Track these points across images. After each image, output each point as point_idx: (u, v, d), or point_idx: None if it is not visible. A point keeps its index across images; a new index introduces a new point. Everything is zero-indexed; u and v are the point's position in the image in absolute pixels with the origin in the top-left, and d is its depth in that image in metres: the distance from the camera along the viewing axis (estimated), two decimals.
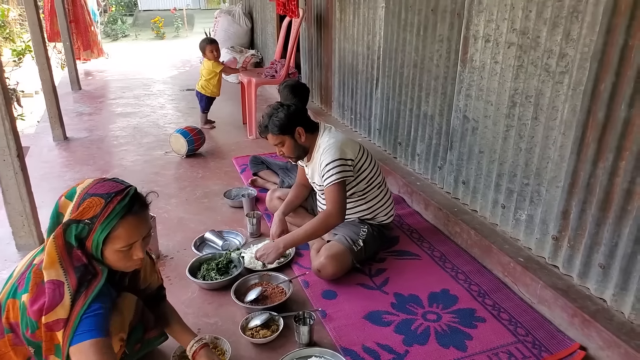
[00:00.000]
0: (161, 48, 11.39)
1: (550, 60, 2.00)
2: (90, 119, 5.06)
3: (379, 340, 1.90)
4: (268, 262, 2.26)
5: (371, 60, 3.59)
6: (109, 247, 1.32)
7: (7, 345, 1.36)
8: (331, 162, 2.20)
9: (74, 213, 1.30)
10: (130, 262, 1.38)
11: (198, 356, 1.60)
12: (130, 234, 1.33)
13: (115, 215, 1.30)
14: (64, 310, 1.24)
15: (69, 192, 1.36)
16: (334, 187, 2.20)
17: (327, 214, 2.20)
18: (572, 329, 1.90)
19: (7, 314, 1.33)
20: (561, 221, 2.06)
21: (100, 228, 1.29)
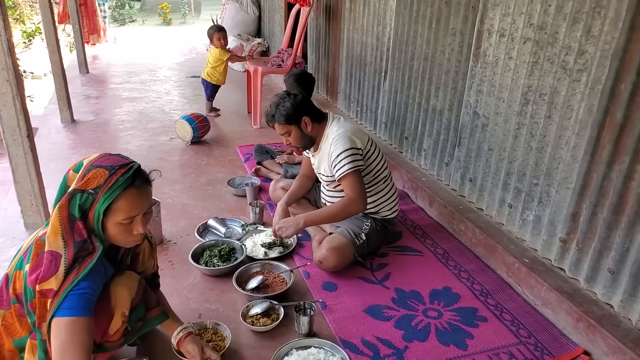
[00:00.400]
0: (168, 34, 11.33)
1: (568, 57, 1.95)
2: (97, 102, 5.03)
3: (379, 334, 1.88)
4: (285, 235, 2.21)
5: (380, 52, 3.54)
6: (110, 219, 1.34)
7: (13, 317, 1.38)
8: (343, 151, 2.18)
9: (78, 183, 1.32)
10: (130, 237, 1.40)
11: (184, 343, 1.62)
12: (132, 206, 1.35)
13: (118, 187, 1.32)
14: (56, 282, 1.27)
15: (76, 166, 1.38)
16: (350, 176, 2.17)
17: (348, 200, 2.18)
18: (576, 333, 1.87)
19: (14, 285, 1.36)
20: (570, 223, 2.02)
21: (102, 198, 1.31)
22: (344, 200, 2.20)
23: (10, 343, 1.40)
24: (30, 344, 1.37)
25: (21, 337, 1.39)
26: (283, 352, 1.74)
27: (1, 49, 2.24)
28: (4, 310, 1.39)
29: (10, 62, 2.28)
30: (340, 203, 2.20)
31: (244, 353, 1.78)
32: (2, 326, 1.40)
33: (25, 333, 1.39)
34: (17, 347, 1.41)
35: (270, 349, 1.77)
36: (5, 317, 1.39)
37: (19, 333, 1.39)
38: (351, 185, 2.18)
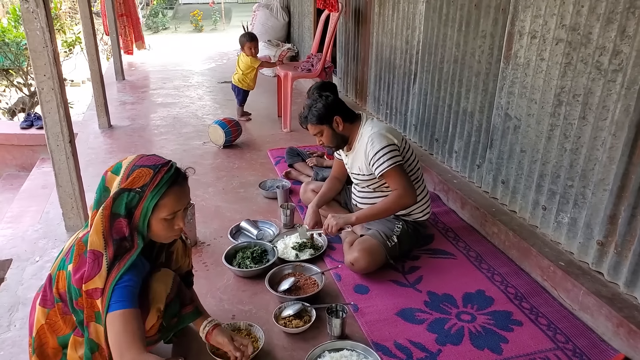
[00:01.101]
0: (199, 41, 11.60)
1: (603, 57, 1.91)
2: (132, 108, 5.22)
3: (412, 337, 1.89)
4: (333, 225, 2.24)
5: (410, 55, 3.54)
6: (155, 216, 1.41)
7: (57, 315, 1.45)
8: (382, 148, 2.21)
9: (123, 183, 1.39)
10: (171, 232, 1.47)
11: (212, 336, 1.64)
12: (176, 202, 1.43)
13: (163, 184, 1.40)
14: (101, 280, 1.34)
15: (114, 167, 1.45)
16: (393, 171, 2.20)
17: (397, 194, 2.21)
18: (616, 339, 1.83)
19: (57, 284, 1.43)
20: (608, 226, 1.98)
21: (150, 195, 1.38)
22: (394, 195, 2.22)
23: (54, 340, 1.47)
24: (74, 340, 1.44)
25: (65, 334, 1.46)
26: (316, 354, 1.77)
27: (47, 58, 2.36)
28: (48, 309, 1.46)
29: (55, 72, 2.39)
30: (391, 198, 2.23)
31: (277, 354, 1.82)
32: (46, 324, 1.46)
33: (68, 330, 1.45)
34: (61, 344, 1.47)
35: (303, 350, 1.81)
36: (49, 315, 1.46)
37: (63, 330, 1.46)
38: (396, 179, 2.21)
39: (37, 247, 2.58)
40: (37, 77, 2.40)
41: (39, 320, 1.46)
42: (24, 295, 2.19)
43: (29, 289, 2.23)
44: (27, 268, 2.40)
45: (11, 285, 2.28)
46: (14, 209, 3.55)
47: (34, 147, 4.79)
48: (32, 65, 2.39)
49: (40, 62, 2.37)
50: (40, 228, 2.78)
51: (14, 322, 2.02)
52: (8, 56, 6.42)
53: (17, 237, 2.72)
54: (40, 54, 2.35)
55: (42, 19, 2.30)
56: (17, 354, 1.84)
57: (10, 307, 2.12)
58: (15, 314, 2.08)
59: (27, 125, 4.90)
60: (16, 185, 4.39)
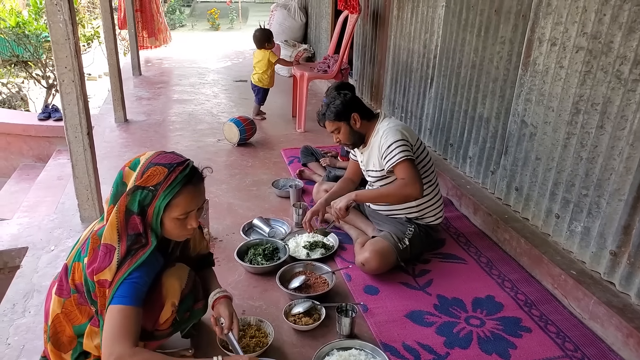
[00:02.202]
0: (216, 39, 11.69)
1: (623, 67, 1.91)
2: (148, 104, 5.28)
3: (420, 339, 1.89)
4: (338, 207, 2.25)
5: (427, 59, 3.54)
6: (167, 215, 1.41)
7: (73, 305, 1.47)
8: (394, 142, 2.22)
9: (138, 180, 1.39)
10: (184, 232, 1.47)
11: (217, 304, 1.64)
12: (189, 202, 1.42)
13: (177, 184, 1.39)
14: (110, 274, 1.36)
15: (132, 163, 1.45)
16: (403, 164, 2.19)
17: (403, 182, 2.18)
18: (626, 350, 1.82)
19: (73, 276, 1.45)
20: (622, 236, 1.97)
21: (163, 195, 1.38)
22: (399, 182, 2.19)
23: (70, 329, 1.49)
24: (90, 329, 1.46)
25: (81, 323, 1.48)
26: (324, 351, 1.79)
27: (69, 51, 2.40)
28: (64, 299, 1.48)
29: (76, 64, 2.43)
30: (396, 184, 2.21)
31: (286, 350, 1.84)
32: (62, 314, 1.48)
33: (85, 320, 1.47)
34: (76, 333, 1.49)
35: (312, 348, 1.82)
36: (65, 305, 1.48)
37: (79, 320, 1.48)
38: (405, 171, 2.18)
39: (53, 237, 2.62)
40: (59, 69, 2.44)
41: (55, 310, 1.49)
42: (39, 283, 2.23)
43: (44, 276, 2.28)
44: (42, 256, 2.45)
45: (27, 272, 2.33)
46: (30, 198, 3.62)
47: (51, 139, 4.87)
48: (54, 57, 2.43)
49: (62, 54, 2.41)
50: (55, 218, 2.83)
51: (28, 309, 2.07)
52: (28, 48, 6.51)
53: (33, 226, 2.77)
54: (62, 46, 2.39)
55: (65, 12, 2.34)
56: (31, 340, 1.88)
57: (26, 293, 2.17)
58: (30, 300, 2.12)
59: (44, 117, 4.98)
60: (32, 175, 4.46)
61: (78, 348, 1.50)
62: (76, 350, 1.50)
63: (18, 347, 1.85)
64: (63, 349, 1.50)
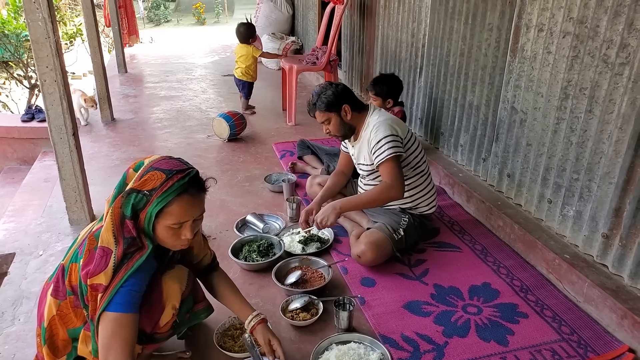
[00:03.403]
0: (202, 33, 11.57)
1: (610, 50, 1.91)
2: (135, 101, 5.21)
3: (418, 330, 1.90)
4: (330, 224, 2.21)
5: (415, 48, 3.53)
6: (160, 222, 1.37)
7: (68, 307, 1.44)
8: (383, 137, 2.21)
9: (135, 183, 1.37)
10: (177, 241, 1.42)
11: (255, 331, 1.64)
12: (183, 212, 1.37)
13: (172, 192, 1.34)
14: (105, 278, 1.32)
15: (137, 164, 1.43)
16: (389, 162, 2.19)
17: (385, 185, 2.20)
18: (621, 331, 1.84)
19: (70, 277, 1.42)
20: (613, 219, 1.98)
21: (156, 201, 1.34)
22: (381, 186, 2.21)
23: (64, 332, 1.46)
24: (84, 334, 1.44)
25: (75, 327, 1.45)
26: (323, 346, 1.78)
27: (50, 50, 2.34)
28: (60, 301, 1.45)
29: (58, 63, 2.37)
30: (378, 189, 2.22)
31: (285, 347, 1.80)
32: (57, 316, 1.45)
33: (79, 323, 1.45)
34: (71, 337, 1.47)
35: (310, 343, 1.82)
36: (61, 307, 1.45)
37: (74, 323, 1.45)
38: (389, 171, 2.20)
39: (41, 241, 2.58)
40: (40, 69, 2.38)
41: (51, 311, 1.46)
42: (28, 290, 2.19)
43: (32, 282, 2.24)
44: (30, 262, 2.40)
45: (15, 279, 2.28)
46: (16, 202, 3.55)
47: (36, 140, 4.78)
48: (34, 56, 2.37)
49: (42, 53, 2.35)
50: (43, 222, 2.78)
51: (18, 317, 2.03)
52: (8, 48, 6.38)
53: (20, 231, 2.73)
54: (42, 45, 2.34)
55: (44, 9, 2.28)
56: (22, 348, 1.85)
57: (14, 301, 2.12)
58: (19, 308, 2.08)
59: (28, 118, 4.87)
60: (17, 178, 4.38)
61: (73, 353, 1.48)
62: (71, 355, 1.48)
63: (9, 356, 1.81)
64: (58, 353, 1.47)
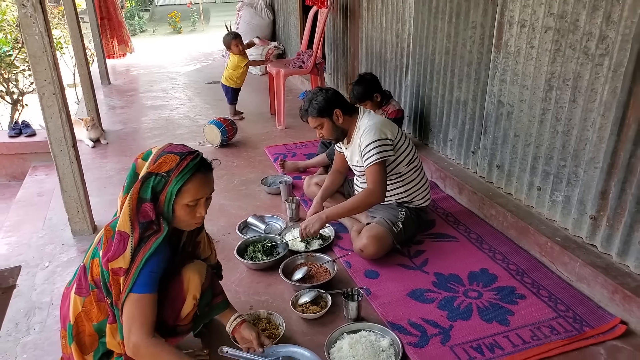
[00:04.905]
0: (180, 42, 11.51)
1: (590, 43, 2.04)
2: (122, 112, 5.21)
3: (424, 315, 1.99)
4: (313, 232, 2.29)
5: (400, 48, 3.64)
6: (178, 201, 1.47)
7: (92, 302, 1.51)
8: (371, 142, 2.29)
9: (151, 167, 1.45)
10: (193, 219, 1.53)
11: (239, 330, 1.71)
12: (199, 189, 1.48)
13: (188, 170, 1.45)
14: (124, 261, 1.40)
15: (144, 154, 1.52)
16: (375, 167, 2.29)
17: (368, 192, 2.29)
18: (612, 305, 1.96)
19: (92, 272, 1.49)
20: (600, 201, 2.11)
21: (175, 180, 1.44)
22: (364, 192, 2.32)
23: (90, 328, 1.52)
24: (110, 328, 1.49)
25: (99, 321, 1.51)
26: (335, 336, 1.86)
27: (47, 63, 2.37)
28: (84, 297, 1.52)
29: (55, 76, 2.40)
30: (360, 195, 2.32)
31: (298, 339, 1.90)
32: (83, 312, 1.52)
33: (103, 317, 1.51)
34: (97, 331, 1.53)
35: (322, 334, 1.89)
36: (85, 303, 1.52)
37: (97, 317, 1.51)
38: (373, 176, 2.29)
39: (45, 253, 2.59)
40: (38, 82, 2.41)
41: (77, 309, 1.52)
42: (39, 300, 2.21)
43: (42, 293, 2.26)
44: (37, 274, 2.42)
45: (24, 291, 2.30)
46: (11, 218, 3.53)
47: (24, 155, 4.74)
48: (32, 70, 2.40)
49: (40, 67, 2.38)
50: (45, 234, 2.79)
51: (32, 326, 2.05)
52: None
53: (23, 245, 2.73)
54: (40, 59, 2.37)
55: (40, 24, 2.31)
56: (40, 356, 1.88)
57: (27, 312, 2.15)
58: (33, 318, 2.11)
59: (15, 134, 4.83)
60: (8, 195, 4.33)
61: (100, 349, 1.53)
62: (98, 351, 1.53)
63: None
64: (85, 350, 1.53)
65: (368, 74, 3.26)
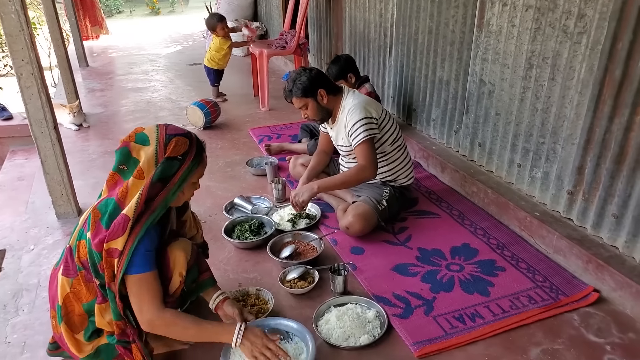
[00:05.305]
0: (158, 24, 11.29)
1: (569, 21, 2.09)
2: (102, 95, 5.12)
3: (408, 288, 2.05)
4: (302, 200, 2.32)
5: (384, 28, 3.64)
6: (189, 180, 1.53)
7: (80, 283, 1.52)
8: (358, 121, 2.32)
9: (168, 152, 1.46)
10: (190, 194, 1.63)
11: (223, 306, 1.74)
12: (203, 168, 1.59)
13: (199, 152, 1.54)
14: (121, 242, 1.42)
15: (137, 138, 1.48)
16: (364, 145, 2.32)
17: (360, 167, 2.33)
18: (586, 275, 2.05)
19: (78, 254, 1.50)
20: (576, 176, 2.19)
21: (192, 163, 1.51)
22: (356, 167, 2.35)
23: (80, 308, 1.54)
24: (99, 308, 1.51)
25: (88, 301, 1.53)
26: (323, 309, 1.91)
27: (24, 42, 2.31)
28: (72, 278, 1.53)
29: (33, 56, 2.35)
30: (353, 170, 2.36)
31: (287, 313, 1.94)
32: (71, 293, 1.54)
33: (92, 297, 1.53)
34: (86, 311, 1.55)
35: (310, 308, 1.94)
36: (73, 284, 1.53)
37: (86, 297, 1.53)
38: (364, 153, 2.33)
39: (30, 236, 2.57)
40: (15, 63, 2.35)
41: (64, 290, 1.53)
42: (26, 282, 2.21)
43: (29, 275, 2.25)
44: (23, 257, 2.41)
45: (10, 274, 2.29)
46: None
47: (2, 140, 4.62)
48: (9, 50, 2.34)
49: (17, 46, 2.32)
50: (28, 218, 2.76)
51: (21, 307, 2.05)
52: None
53: (6, 228, 2.70)
54: (16, 38, 2.31)
55: (16, 2, 2.25)
56: (31, 336, 1.89)
57: (15, 294, 2.14)
58: (21, 299, 2.11)
59: None
60: None
61: (90, 327, 1.55)
62: (88, 329, 1.55)
63: (19, 344, 1.85)
64: (75, 329, 1.55)
65: (345, 54, 3.27)
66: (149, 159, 1.45)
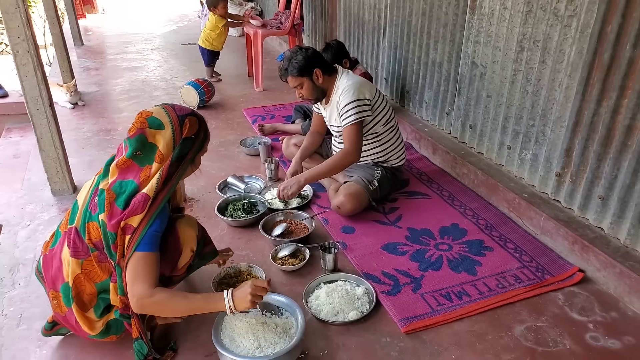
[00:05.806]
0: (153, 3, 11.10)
1: (560, 4, 2.09)
2: (97, 74, 5.09)
3: (397, 266, 2.10)
4: (290, 194, 2.35)
5: (378, 9, 3.63)
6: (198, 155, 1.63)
7: (92, 263, 1.55)
8: (350, 102, 2.34)
9: (185, 132, 1.53)
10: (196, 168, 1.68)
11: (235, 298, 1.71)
12: (208, 142, 1.66)
13: (207, 129, 1.64)
14: (137, 220, 1.46)
15: (150, 123, 1.51)
16: (352, 127, 2.34)
17: (344, 152, 2.36)
18: (572, 255, 2.10)
19: (89, 235, 1.52)
20: (564, 158, 2.22)
21: (203, 139, 1.60)
22: (340, 154, 2.38)
23: (92, 287, 1.58)
24: (113, 286, 1.56)
25: (102, 280, 1.57)
26: (313, 286, 1.96)
27: (20, 20, 2.32)
28: (82, 259, 1.55)
29: (29, 33, 2.35)
30: (337, 156, 2.39)
31: (278, 290, 1.99)
32: (82, 274, 1.56)
33: (106, 276, 1.57)
34: (99, 289, 1.58)
35: (301, 284, 1.99)
36: (84, 265, 1.56)
37: (100, 277, 1.57)
38: (350, 136, 2.35)
39: (26, 212, 2.60)
40: (12, 40, 2.36)
41: (74, 271, 1.56)
42: (23, 257, 2.24)
43: (25, 250, 2.29)
44: (19, 232, 2.44)
45: (7, 248, 2.32)
46: None
47: None
48: (5, 27, 2.34)
49: (13, 23, 2.33)
50: (24, 194, 2.79)
51: (17, 281, 2.09)
52: None
53: (2, 205, 2.72)
54: (12, 15, 2.32)
55: None
56: (27, 308, 1.93)
57: (11, 268, 2.18)
58: (17, 274, 2.14)
59: None
60: None
61: (101, 303, 1.59)
62: (99, 306, 1.59)
63: (16, 317, 1.89)
64: (85, 307, 1.59)
65: (334, 41, 3.24)
66: (167, 143, 1.50)
